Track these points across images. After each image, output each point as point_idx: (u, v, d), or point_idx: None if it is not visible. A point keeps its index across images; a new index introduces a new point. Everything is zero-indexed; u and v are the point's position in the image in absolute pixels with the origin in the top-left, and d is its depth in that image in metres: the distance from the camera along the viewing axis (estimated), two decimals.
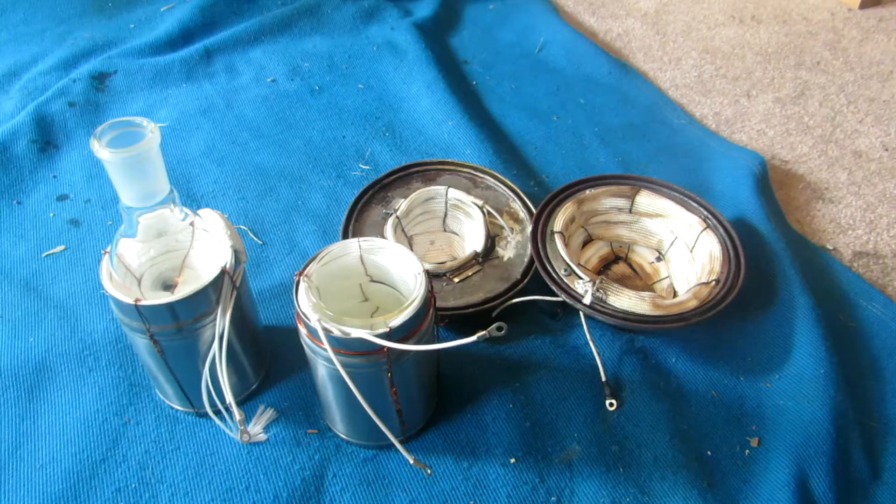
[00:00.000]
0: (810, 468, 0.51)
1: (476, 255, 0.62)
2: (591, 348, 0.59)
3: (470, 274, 0.62)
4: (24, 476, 0.50)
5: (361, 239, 0.48)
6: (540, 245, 0.62)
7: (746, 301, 0.63)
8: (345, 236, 0.64)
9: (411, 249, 0.53)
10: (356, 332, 0.43)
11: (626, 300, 0.57)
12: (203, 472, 0.51)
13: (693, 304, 0.58)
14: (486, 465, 0.52)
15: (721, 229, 0.64)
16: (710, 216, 0.65)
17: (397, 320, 0.43)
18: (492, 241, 0.65)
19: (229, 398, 0.46)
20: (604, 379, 0.57)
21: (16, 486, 0.50)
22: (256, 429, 0.51)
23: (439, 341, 0.50)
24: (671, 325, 0.56)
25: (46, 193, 0.75)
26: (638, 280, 0.66)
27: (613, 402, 0.55)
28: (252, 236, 0.70)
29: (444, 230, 0.68)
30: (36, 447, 0.52)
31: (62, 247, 0.69)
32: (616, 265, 0.67)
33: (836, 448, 0.52)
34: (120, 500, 0.49)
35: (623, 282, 0.65)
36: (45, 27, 1.03)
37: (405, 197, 0.67)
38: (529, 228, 0.64)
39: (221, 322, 0.47)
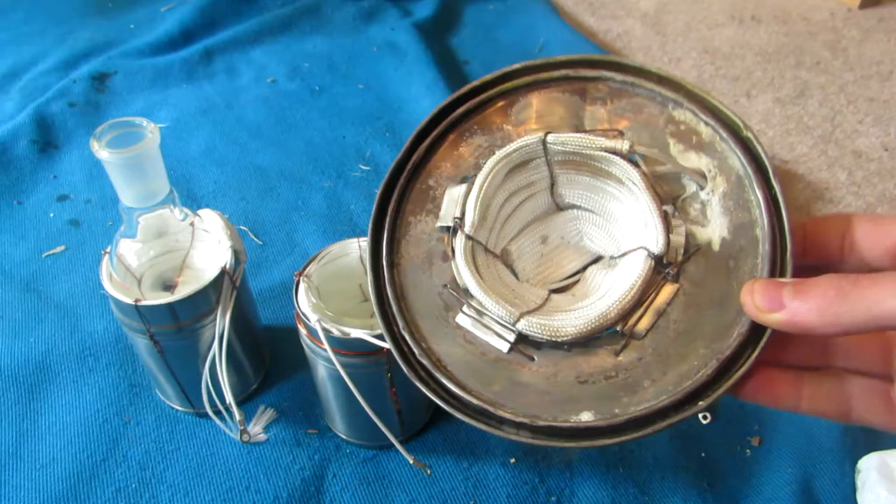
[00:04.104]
0: (814, 467, 0.51)
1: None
2: None
3: None
4: (25, 476, 0.50)
5: (361, 239, 0.48)
6: None
7: None
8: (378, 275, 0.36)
9: (514, 274, 0.36)
10: (356, 333, 0.43)
11: None
12: (203, 472, 0.51)
13: None
14: (486, 465, 0.52)
15: None
16: None
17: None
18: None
19: (229, 398, 0.46)
20: None
21: (16, 486, 0.50)
22: (256, 429, 0.51)
23: None
24: None
25: (46, 193, 0.75)
26: None
27: None
28: (252, 236, 0.70)
29: (559, 208, 0.38)
30: (36, 447, 0.52)
31: (62, 247, 0.69)
32: None
33: (841, 446, 0.52)
34: (120, 500, 0.49)
35: None
36: (45, 27, 1.03)
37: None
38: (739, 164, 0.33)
39: (221, 322, 0.47)
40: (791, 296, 0.25)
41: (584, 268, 0.36)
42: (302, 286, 0.45)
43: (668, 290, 0.30)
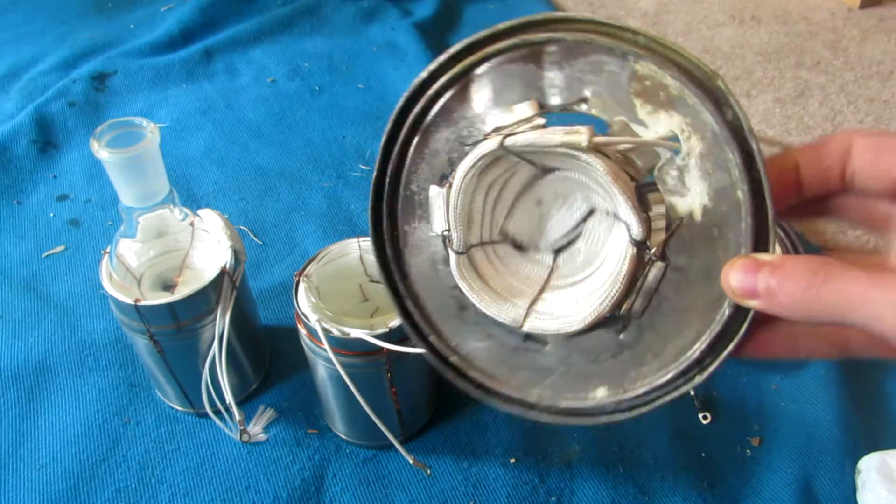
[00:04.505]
0: (814, 467, 0.51)
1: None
2: None
3: None
4: (25, 476, 0.50)
5: (361, 239, 0.48)
6: None
7: None
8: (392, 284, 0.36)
9: (519, 244, 0.36)
10: (355, 333, 0.43)
11: None
12: (203, 472, 0.51)
13: None
14: (486, 465, 0.52)
15: None
16: None
17: (397, 320, 0.43)
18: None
19: (229, 398, 0.46)
20: None
21: (16, 486, 0.50)
22: (256, 429, 0.51)
23: None
24: None
25: (46, 193, 0.75)
26: None
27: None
28: (252, 236, 0.70)
29: (544, 171, 0.36)
30: (36, 447, 0.52)
31: (62, 247, 0.69)
32: None
33: (842, 446, 0.52)
34: (120, 501, 0.49)
35: None
36: (45, 27, 1.03)
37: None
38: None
39: (221, 322, 0.47)
40: (765, 284, 0.25)
41: (585, 218, 0.36)
42: (302, 286, 0.45)
43: (655, 270, 0.30)
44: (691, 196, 0.29)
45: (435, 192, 0.34)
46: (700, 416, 0.55)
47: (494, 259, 0.36)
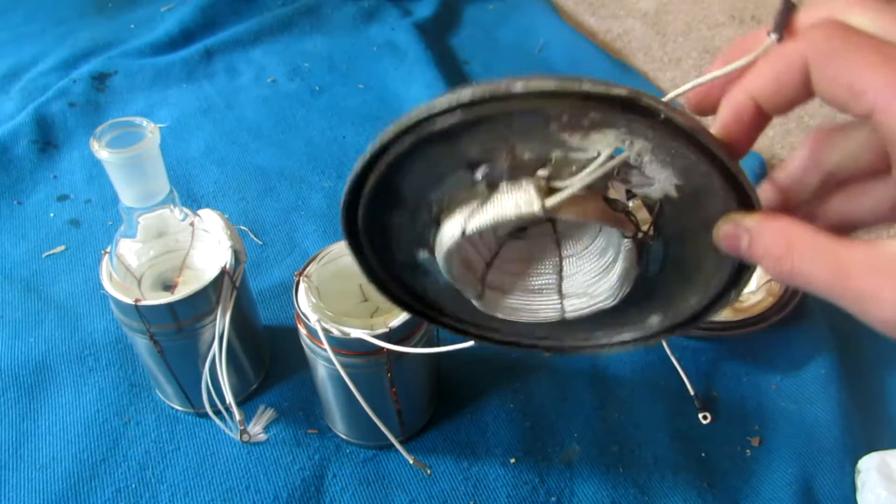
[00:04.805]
0: (814, 467, 0.51)
1: None
2: None
3: None
4: (25, 476, 0.50)
5: None
6: None
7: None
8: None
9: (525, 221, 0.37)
10: (355, 333, 0.43)
11: None
12: (203, 472, 0.51)
13: (770, 301, 0.55)
14: (486, 465, 0.52)
15: None
16: None
17: (397, 320, 0.43)
18: None
19: (229, 398, 0.46)
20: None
21: (16, 486, 0.50)
22: (256, 429, 0.51)
23: (440, 341, 0.50)
24: (754, 328, 0.55)
25: (46, 193, 0.75)
26: None
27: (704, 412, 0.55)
28: (252, 236, 0.70)
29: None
30: (36, 447, 0.52)
31: (62, 247, 0.69)
32: None
33: (842, 446, 0.52)
34: (120, 501, 0.49)
35: None
36: (45, 27, 1.03)
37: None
38: None
39: (221, 322, 0.47)
40: (747, 251, 0.26)
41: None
42: (302, 286, 0.45)
43: (656, 245, 0.31)
44: (659, 183, 0.28)
45: (425, 256, 0.34)
46: (700, 416, 0.55)
47: (507, 264, 0.36)
